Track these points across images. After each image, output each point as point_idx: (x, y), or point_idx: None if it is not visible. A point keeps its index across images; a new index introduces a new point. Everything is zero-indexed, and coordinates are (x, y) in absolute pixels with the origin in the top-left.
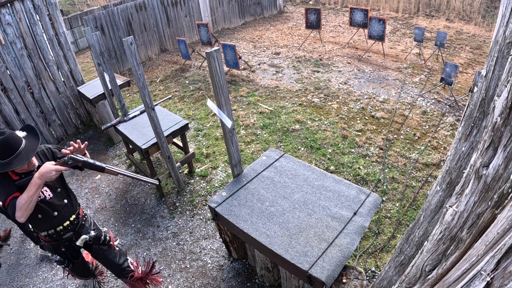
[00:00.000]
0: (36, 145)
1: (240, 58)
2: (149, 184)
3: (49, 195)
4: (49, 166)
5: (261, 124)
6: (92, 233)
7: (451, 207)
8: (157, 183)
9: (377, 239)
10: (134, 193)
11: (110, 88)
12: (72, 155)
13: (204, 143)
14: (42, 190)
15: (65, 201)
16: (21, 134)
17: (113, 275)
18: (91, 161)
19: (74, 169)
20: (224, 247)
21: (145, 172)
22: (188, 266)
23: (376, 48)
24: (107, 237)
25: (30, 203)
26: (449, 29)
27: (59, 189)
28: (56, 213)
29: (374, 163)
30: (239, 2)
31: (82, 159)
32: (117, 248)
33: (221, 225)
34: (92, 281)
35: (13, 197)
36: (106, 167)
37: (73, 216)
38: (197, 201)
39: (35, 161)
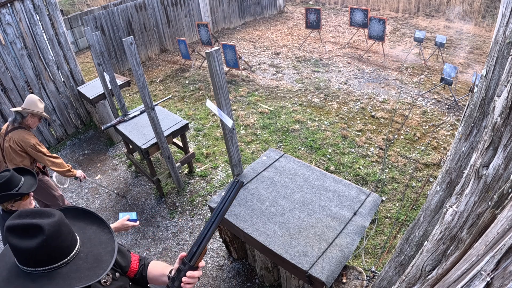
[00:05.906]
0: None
1: (240, 58)
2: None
3: None
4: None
5: (261, 124)
6: None
7: (451, 207)
8: None
9: (377, 239)
10: (134, 193)
11: (110, 88)
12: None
13: (204, 143)
14: None
15: None
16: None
17: None
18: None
19: None
20: (224, 247)
21: (145, 172)
22: None
23: (376, 48)
24: None
25: None
26: (449, 29)
27: None
28: None
29: (374, 163)
30: (239, 2)
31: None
32: None
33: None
34: None
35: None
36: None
37: None
38: (197, 201)
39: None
